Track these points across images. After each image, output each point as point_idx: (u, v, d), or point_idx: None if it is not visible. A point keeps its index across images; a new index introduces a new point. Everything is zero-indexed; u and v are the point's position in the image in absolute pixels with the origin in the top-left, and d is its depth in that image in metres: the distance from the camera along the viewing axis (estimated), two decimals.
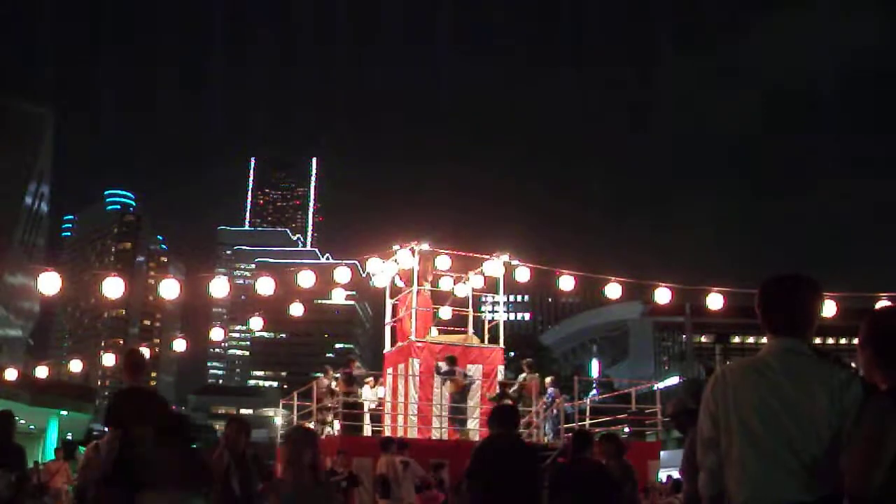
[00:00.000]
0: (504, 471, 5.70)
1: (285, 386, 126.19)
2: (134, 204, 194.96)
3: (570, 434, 11.32)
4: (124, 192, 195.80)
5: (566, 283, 15.31)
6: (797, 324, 2.86)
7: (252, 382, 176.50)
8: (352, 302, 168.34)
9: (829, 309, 12.63)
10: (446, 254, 16.79)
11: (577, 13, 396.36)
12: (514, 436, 6.08)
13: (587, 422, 15.87)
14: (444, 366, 15.20)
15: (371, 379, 16.65)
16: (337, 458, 12.79)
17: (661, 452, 17.71)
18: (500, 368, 16.55)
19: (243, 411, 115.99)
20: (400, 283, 17.22)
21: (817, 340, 2.98)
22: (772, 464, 2.68)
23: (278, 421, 25.53)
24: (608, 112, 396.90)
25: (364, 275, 18.51)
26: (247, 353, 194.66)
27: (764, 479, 2.69)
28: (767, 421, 2.71)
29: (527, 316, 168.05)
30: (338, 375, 16.25)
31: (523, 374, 16.36)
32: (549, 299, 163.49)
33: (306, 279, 15.03)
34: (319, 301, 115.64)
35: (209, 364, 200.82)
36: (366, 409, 16.14)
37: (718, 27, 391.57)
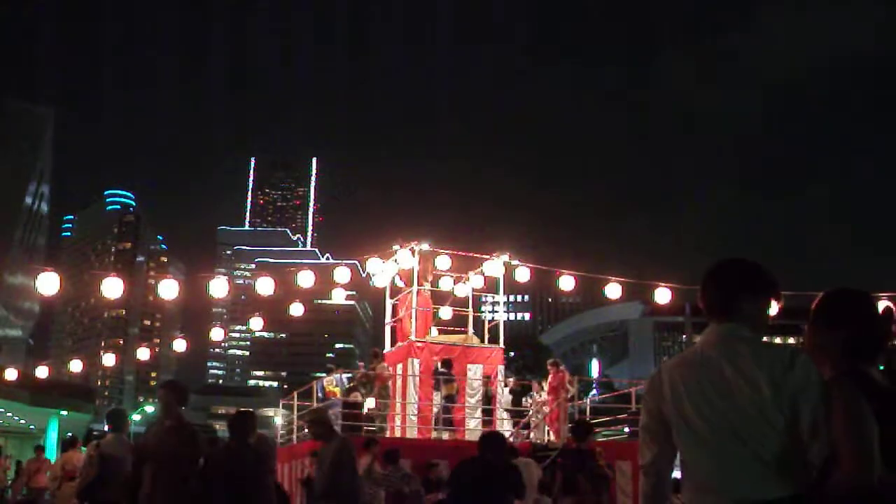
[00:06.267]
0: (475, 494, 6.19)
1: (285, 386, 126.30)
2: (134, 204, 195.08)
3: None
4: (124, 192, 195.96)
5: (566, 283, 15.30)
6: (732, 307, 2.59)
7: (252, 382, 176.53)
8: (352, 302, 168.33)
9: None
10: (446, 254, 16.75)
11: (576, 12, 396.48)
12: (491, 459, 6.30)
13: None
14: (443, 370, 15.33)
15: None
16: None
17: None
18: (500, 368, 16.54)
19: None
20: (400, 283, 17.17)
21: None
22: (722, 461, 2.42)
23: (278, 421, 25.47)
24: (608, 111, 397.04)
25: (364, 275, 18.47)
26: (247, 353, 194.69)
27: (716, 479, 2.44)
28: (708, 415, 2.45)
29: (527, 316, 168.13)
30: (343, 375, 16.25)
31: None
32: (549, 299, 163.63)
33: (306, 279, 15.02)
34: (319, 301, 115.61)
35: (209, 364, 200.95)
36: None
37: (717, 27, 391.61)
